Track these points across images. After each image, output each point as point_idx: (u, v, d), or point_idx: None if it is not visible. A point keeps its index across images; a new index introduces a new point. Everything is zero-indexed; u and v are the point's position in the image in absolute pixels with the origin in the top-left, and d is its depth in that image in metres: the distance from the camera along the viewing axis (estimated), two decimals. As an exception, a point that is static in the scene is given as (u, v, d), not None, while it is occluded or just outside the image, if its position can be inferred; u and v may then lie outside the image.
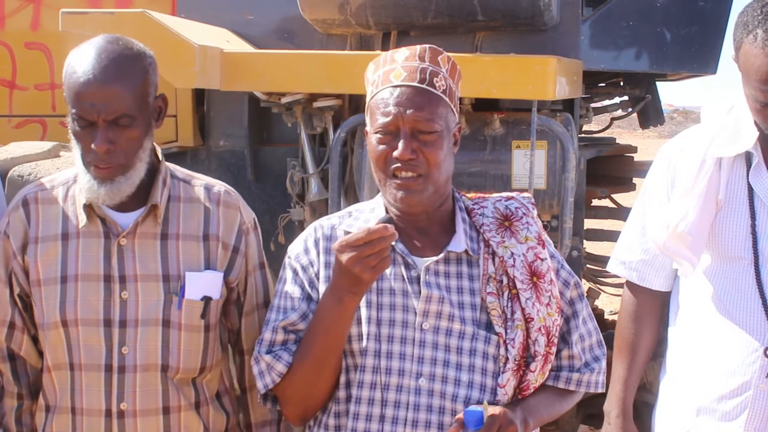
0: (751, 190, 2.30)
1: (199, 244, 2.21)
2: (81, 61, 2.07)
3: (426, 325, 2.02)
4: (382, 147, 2.01)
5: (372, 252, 1.88)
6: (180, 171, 2.31)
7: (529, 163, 3.42)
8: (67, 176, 2.26)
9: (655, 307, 2.56)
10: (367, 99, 2.09)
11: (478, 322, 2.04)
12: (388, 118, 1.99)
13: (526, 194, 2.21)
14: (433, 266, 2.05)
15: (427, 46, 2.07)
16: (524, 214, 2.14)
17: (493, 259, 2.07)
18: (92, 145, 2.05)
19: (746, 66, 2.16)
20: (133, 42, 2.15)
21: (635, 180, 4.67)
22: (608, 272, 4.72)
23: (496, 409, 1.93)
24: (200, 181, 2.30)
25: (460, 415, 1.93)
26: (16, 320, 2.24)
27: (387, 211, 2.10)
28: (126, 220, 2.18)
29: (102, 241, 2.17)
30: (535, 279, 2.06)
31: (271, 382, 2.06)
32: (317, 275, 2.09)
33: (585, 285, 4.58)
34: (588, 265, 4.66)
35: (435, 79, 2.02)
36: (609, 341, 3.15)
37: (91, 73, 2.04)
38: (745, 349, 2.28)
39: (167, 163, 2.27)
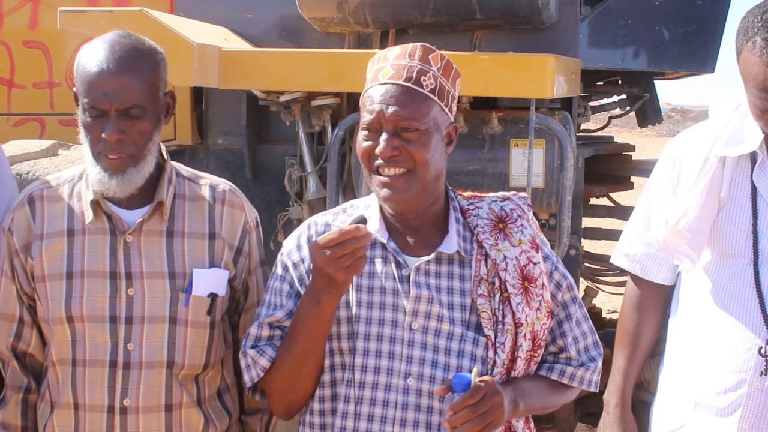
0: (754, 188, 2.31)
1: (204, 242, 2.23)
2: (94, 53, 2.11)
3: (415, 325, 2.02)
4: (366, 144, 2.02)
5: (344, 252, 1.88)
6: (185, 170, 2.32)
7: (527, 161, 3.42)
8: (72, 174, 2.27)
9: (657, 300, 2.58)
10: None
11: (467, 324, 2.03)
12: (372, 116, 2.00)
13: (522, 194, 2.21)
14: (424, 266, 2.04)
15: (419, 44, 2.07)
16: (519, 216, 2.13)
17: (486, 261, 2.07)
18: (103, 135, 2.07)
19: (745, 73, 2.17)
20: (144, 38, 2.18)
21: (633, 179, 4.68)
22: (606, 271, 4.78)
23: (485, 377, 1.92)
24: (205, 180, 2.31)
25: (449, 378, 1.93)
26: (24, 316, 2.25)
27: (380, 209, 2.10)
28: (132, 217, 2.19)
29: (108, 238, 2.18)
30: (526, 284, 2.06)
31: (255, 376, 2.08)
32: (308, 272, 2.08)
33: (583, 284, 4.58)
34: (586, 264, 4.66)
35: (422, 77, 2.01)
36: (607, 340, 3.15)
37: (105, 64, 2.07)
38: (740, 347, 2.29)
39: (172, 162, 2.29)
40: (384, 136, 1.98)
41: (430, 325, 2.02)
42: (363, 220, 1.94)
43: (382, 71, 2.03)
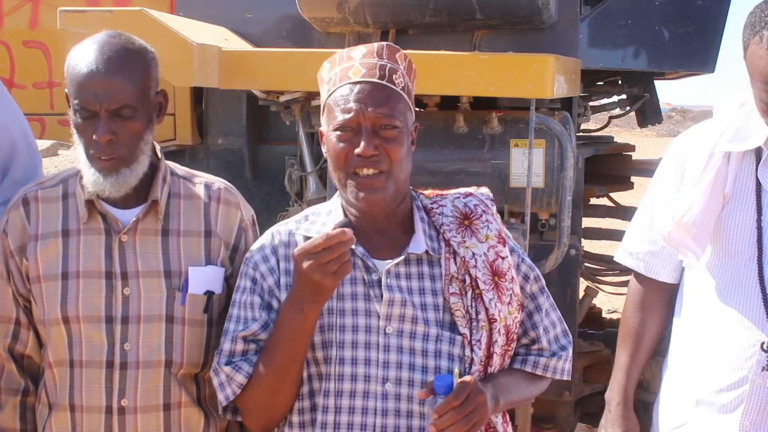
0: (759, 184, 2.31)
1: (200, 240, 2.22)
2: (83, 54, 2.10)
3: (389, 329, 1.99)
4: (342, 145, 1.97)
5: (331, 258, 1.85)
6: (180, 168, 2.32)
7: (527, 161, 3.42)
8: (67, 174, 2.27)
9: (661, 299, 2.57)
10: (323, 98, 2.06)
11: (441, 323, 2.02)
12: (349, 115, 1.96)
13: (483, 189, 2.19)
14: (394, 269, 2.02)
15: (384, 43, 2.06)
16: (483, 211, 2.12)
17: (455, 259, 2.05)
18: (94, 136, 2.06)
19: (752, 67, 2.17)
20: (134, 38, 2.17)
21: (633, 179, 4.68)
22: (606, 271, 4.78)
23: (466, 377, 1.90)
24: (200, 178, 2.31)
25: (430, 381, 1.91)
26: (21, 317, 2.24)
27: (345, 213, 2.07)
28: (127, 216, 2.19)
29: (103, 238, 2.18)
30: (496, 279, 2.06)
31: (231, 394, 2.03)
32: (277, 283, 2.05)
33: (583, 284, 4.58)
34: (586, 264, 4.66)
35: (394, 75, 2.01)
36: (607, 340, 3.16)
37: (94, 65, 2.06)
38: (743, 344, 2.29)
39: (167, 161, 2.29)
40: (364, 135, 1.95)
41: (404, 328, 1.99)
42: (347, 224, 1.90)
43: (351, 70, 2.01)
